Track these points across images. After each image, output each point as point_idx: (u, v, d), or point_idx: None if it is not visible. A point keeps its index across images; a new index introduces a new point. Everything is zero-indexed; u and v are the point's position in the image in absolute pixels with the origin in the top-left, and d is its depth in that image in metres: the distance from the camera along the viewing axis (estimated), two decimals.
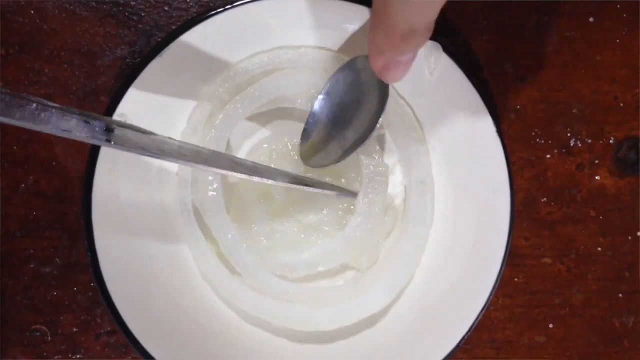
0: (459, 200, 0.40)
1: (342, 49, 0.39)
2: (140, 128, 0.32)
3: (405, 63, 0.31)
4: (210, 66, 0.39)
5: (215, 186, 0.39)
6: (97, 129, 0.29)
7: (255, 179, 0.35)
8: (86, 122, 0.29)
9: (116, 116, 0.36)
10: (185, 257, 0.40)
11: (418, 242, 0.41)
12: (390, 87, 0.37)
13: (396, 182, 0.42)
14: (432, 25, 0.28)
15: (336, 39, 0.39)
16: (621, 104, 0.43)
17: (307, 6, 0.37)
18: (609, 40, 0.43)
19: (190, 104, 0.39)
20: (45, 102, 0.27)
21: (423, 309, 0.40)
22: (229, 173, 0.35)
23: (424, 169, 0.41)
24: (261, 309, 0.39)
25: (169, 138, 0.34)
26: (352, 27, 0.38)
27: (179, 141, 0.34)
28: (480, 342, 0.43)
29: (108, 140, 0.29)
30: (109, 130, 0.30)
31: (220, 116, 0.39)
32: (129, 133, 0.31)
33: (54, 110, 0.28)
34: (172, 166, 0.40)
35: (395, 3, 0.26)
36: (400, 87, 0.40)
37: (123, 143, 0.30)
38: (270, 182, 0.36)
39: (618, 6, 0.43)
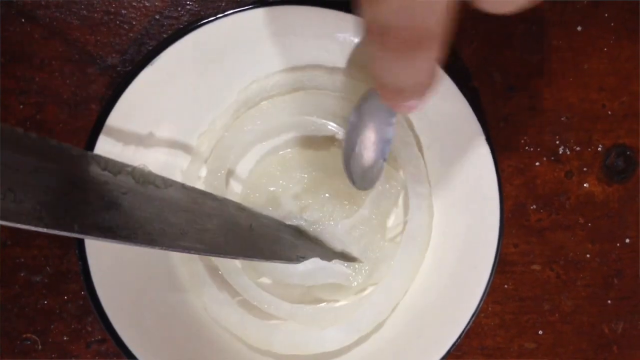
0: (448, 207, 0.41)
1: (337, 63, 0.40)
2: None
3: (412, 107, 0.29)
4: (201, 75, 0.39)
5: None
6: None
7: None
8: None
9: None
10: (177, 265, 0.40)
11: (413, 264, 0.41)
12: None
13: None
14: (425, 85, 0.26)
15: (335, 52, 0.39)
16: (609, 112, 0.43)
17: (301, 16, 0.38)
18: (596, 49, 0.43)
19: (180, 112, 0.39)
20: None
21: (413, 316, 0.40)
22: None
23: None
24: (246, 330, 0.40)
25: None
26: (343, 36, 0.38)
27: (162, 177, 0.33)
28: (471, 348, 0.43)
29: None
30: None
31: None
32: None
33: None
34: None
35: (383, 67, 0.25)
36: None
37: None
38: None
39: (605, 15, 0.43)
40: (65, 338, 0.41)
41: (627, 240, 0.44)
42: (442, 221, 0.41)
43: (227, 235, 0.35)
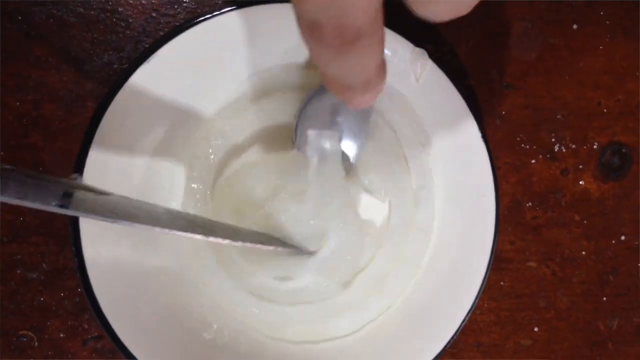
0: (444, 204, 0.41)
1: None
2: (103, 190, 0.32)
3: (364, 102, 0.28)
4: (198, 72, 0.39)
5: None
6: (53, 195, 0.29)
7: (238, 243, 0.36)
8: (42, 187, 0.28)
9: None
10: (176, 261, 0.40)
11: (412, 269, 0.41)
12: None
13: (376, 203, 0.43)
14: (372, 81, 0.26)
15: None
16: (604, 110, 0.44)
17: None
18: (592, 47, 0.43)
19: (176, 110, 0.39)
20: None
21: (409, 313, 0.40)
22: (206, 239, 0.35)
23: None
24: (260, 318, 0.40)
25: (136, 201, 0.34)
26: None
27: (147, 203, 0.34)
28: (467, 345, 0.43)
29: (64, 206, 0.29)
30: (67, 195, 0.29)
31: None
32: (89, 196, 0.31)
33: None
34: (158, 172, 0.40)
35: (324, 64, 0.24)
36: (387, 93, 0.40)
37: (81, 209, 0.30)
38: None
39: (601, 13, 0.43)
40: (61, 335, 0.41)
41: (623, 238, 0.44)
42: (438, 218, 0.41)
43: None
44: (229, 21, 0.37)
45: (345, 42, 0.22)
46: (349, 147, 0.40)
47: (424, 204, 0.41)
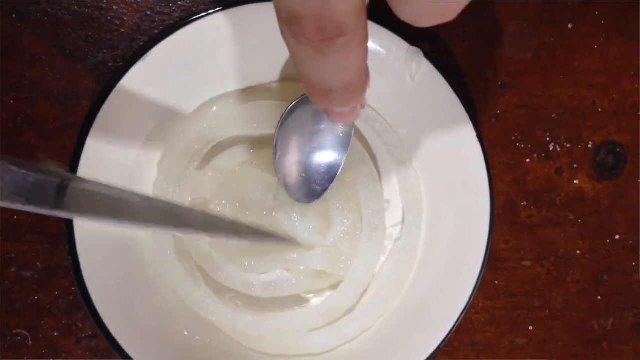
0: (439, 204, 0.41)
1: None
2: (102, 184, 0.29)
3: (345, 114, 0.28)
4: (192, 71, 0.39)
5: None
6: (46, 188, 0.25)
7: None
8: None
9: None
10: (168, 261, 0.40)
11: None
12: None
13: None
14: (353, 86, 0.25)
15: None
16: (599, 109, 0.44)
17: None
18: (586, 46, 0.44)
19: (171, 108, 0.39)
20: None
21: (404, 311, 0.40)
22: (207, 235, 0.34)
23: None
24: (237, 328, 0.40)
25: (135, 194, 0.30)
26: None
27: (144, 197, 0.32)
28: (461, 344, 0.43)
29: (58, 207, 0.26)
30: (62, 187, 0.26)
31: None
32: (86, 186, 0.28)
33: None
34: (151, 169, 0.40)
35: (304, 63, 0.24)
36: (382, 92, 0.40)
37: (74, 208, 0.26)
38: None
39: (596, 13, 0.43)
40: (55, 334, 0.41)
41: (617, 237, 0.44)
42: (432, 217, 0.41)
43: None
44: (224, 20, 0.37)
45: (325, 37, 0.21)
46: (326, 164, 0.39)
47: (410, 225, 0.42)
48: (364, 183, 0.41)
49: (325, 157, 0.38)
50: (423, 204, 0.41)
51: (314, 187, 0.39)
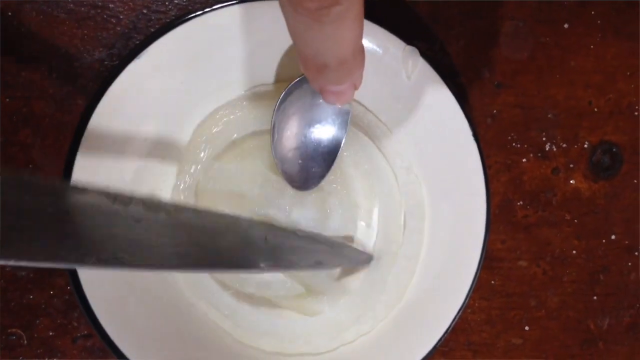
0: (435, 203, 0.41)
1: None
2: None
3: (340, 93, 0.28)
4: (188, 69, 0.39)
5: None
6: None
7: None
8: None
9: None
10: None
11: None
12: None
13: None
14: (348, 63, 0.26)
15: None
16: (595, 109, 0.44)
17: None
18: (582, 46, 0.44)
19: (167, 107, 0.39)
20: None
21: (400, 311, 0.40)
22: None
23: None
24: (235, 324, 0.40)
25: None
26: None
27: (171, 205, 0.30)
28: (458, 344, 0.43)
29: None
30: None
31: None
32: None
33: None
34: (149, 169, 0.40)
35: (301, 35, 0.24)
36: (378, 91, 0.40)
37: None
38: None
39: (592, 13, 0.43)
40: (51, 333, 0.41)
41: (613, 237, 0.44)
42: (428, 217, 0.41)
43: (244, 251, 0.33)
44: (220, 18, 0.37)
45: (321, 5, 0.22)
46: (323, 148, 0.39)
47: (412, 231, 0.41)
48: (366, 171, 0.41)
49: (322, 141, 0.39)
50: (425, 209, 0.41)
51: (312, 173, 0.39)
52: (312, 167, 0.39)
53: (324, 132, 0.39)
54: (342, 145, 0.38)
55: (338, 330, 0.40)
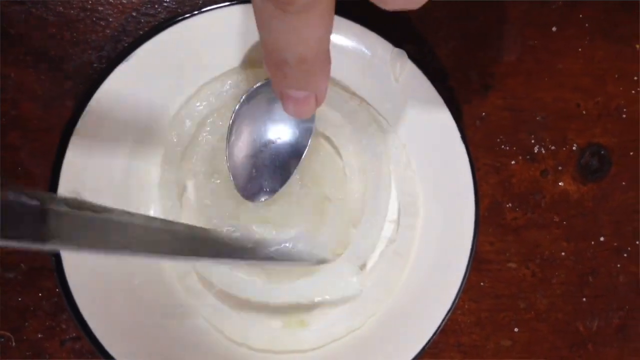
0: (424, 205, 0.41)
1: None
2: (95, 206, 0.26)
3: (299, 102, 0.27)
4: (177, 71, 0.39)
5: None
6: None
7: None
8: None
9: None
10: (154, 262, 0.40)
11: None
12: None
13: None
14: (308, 63, 0.24)
15: None
16: (583, 112, 0.44)
17: None
18: (571, 49, 0.44)
19: (156, 109, 0.39)
20: None
21: (389, 313, 0.40)
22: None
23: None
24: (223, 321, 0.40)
25: (128, 214, 0.28)
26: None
27: (144, 219, 0.30)
28: (447, 346, 0.44)
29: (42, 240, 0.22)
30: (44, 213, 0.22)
31: None
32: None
33: None
34: (136, 171, 0.40)
35: (264, 24, 0.23)
36: (366, 93, 0.40)
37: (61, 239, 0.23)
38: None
39: (580, 16, 0.44)
40: (39, 335, 0.41)
41: (602, 239, 0.44)
42: (418, 219, 0.41)
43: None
44: (209, 21, 0.37)
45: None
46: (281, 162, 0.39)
47: (404, 228, 0.41)
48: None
49: (280, 153, 0.38)
50: (419, 207, 0.41)
51: (264, 186, 0.39)
52: (266, 180, 0.39)
53: (282, 145, 0.38)
54: (302, 158, 0.38)
55: (328, 325, 0.40)
